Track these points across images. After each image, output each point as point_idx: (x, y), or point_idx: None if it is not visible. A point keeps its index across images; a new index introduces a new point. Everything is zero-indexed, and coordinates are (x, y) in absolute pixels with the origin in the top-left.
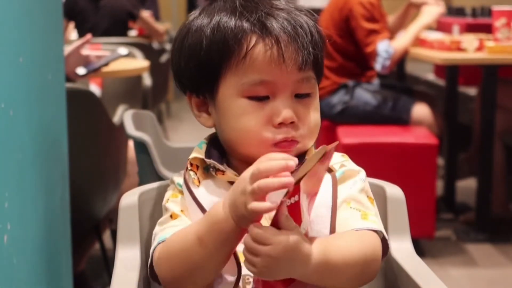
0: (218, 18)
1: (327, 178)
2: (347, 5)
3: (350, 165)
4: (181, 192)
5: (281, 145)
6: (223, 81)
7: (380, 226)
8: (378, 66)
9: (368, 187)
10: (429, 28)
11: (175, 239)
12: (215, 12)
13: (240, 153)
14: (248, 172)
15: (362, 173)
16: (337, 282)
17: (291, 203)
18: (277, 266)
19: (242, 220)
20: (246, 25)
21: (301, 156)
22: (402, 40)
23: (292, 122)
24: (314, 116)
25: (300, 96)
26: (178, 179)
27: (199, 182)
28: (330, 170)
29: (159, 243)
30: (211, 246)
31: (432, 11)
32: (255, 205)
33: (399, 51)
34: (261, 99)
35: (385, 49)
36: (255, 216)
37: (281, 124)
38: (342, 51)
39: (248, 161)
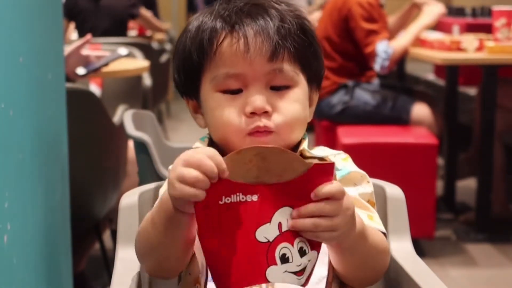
0: (200, 20)
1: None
2: (345, 6)
3: (353, 166)
4: None
5: (255, 135)
6: (202, 79)
7: (383, 229)
8: (377, 66)
9: (373, 194)
10: (429, 28)
11: (145, 217)
12: (202, 15)
13: (225, 148)
14: (189, 153)
15: (370, 184)
16: (367, 263)
17: (246, 200)
18: (351, 221)
19: (173, 200)
20: (219, 23)
21: (294, 147)
22: (402, 40)
23: (266, 112)
24: (292, 107)
25: (277, 89)
26: None
27: None
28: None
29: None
30: (159, 226)
31: (433, 10)
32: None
33: (398, 51)
34: (235, 92)
35: (384, 49)
36: (179, 200)
37: (253, 114)
38: (342, 51)
39: None
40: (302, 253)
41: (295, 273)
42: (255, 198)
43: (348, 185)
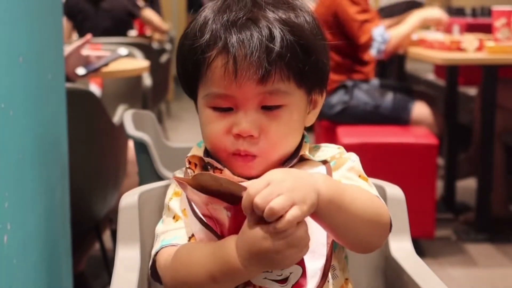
0: (205, 15)
1: (322, 169)
2: (334, 2)
3: (343, 155)
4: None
5: (235, 157)
6: (198, 90)
7: (376, 192)
8: (373, 51)
9: (359, 167)
10: (426, 23)
11: (184, 259)
12: (208, 10)
13: (216, 157)
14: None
15: (353, 155)
16: (352, 230)
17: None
18: (298, 193)
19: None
20: (213, 32)
21: (295, 151)
22: (399, 29)
23: (251, 136)
24: (281, 130)
25: (269, 108)
26: (180, 176)
27: None
28: (325, 162)
29: (162, 247)
30: (226, 283)
31: (433, 10)
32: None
33: (394, 39)
34: (225, 110)
35: (380, 33)
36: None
37: (238, 135)
38: (336, 48)
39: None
40: None
41: (276, 281)
42: (229, 214)
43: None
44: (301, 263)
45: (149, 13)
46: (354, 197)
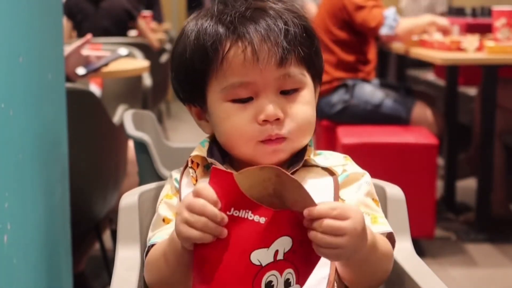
0: (199, 25)
1: (329, 182)
2: None
3: (354, 167)
4: (178, 191)
5: (267, 143)
6: (208, 87)
7: (389, 227)
8: (385, 29)
9: (373, 190)
10: (429, 25)
11: (155, 248)
12: (200, 18)
13: (236, 155)
14: (188, 197)
15: (367, 176)
16: (375, 272)
17: (253, 220)
18: (357, 240)
19: (182, 241)
20: (221, 30)
21: (299, 154)
22: (409, 19)
23: (278, 119)
24: (303, 110)
25: (286, 93)
26: (177, 175)
27: (197, 180)
28: (332, 173)
29: (149, 247)
30: (172, 262)
31: (444, 20)
32: (185, 230)
33: (404, 23)
34: (245, 100)
35: (392, 13)
36: (187, 242)
37: (265, 121)
38: (341, 42)
39: (246, 161)
40: (287, 284)
41: None
42: (262, 220)
43: (349, 186)
44: (302, 281)
45: (145, 26)
46: (380, 244)
